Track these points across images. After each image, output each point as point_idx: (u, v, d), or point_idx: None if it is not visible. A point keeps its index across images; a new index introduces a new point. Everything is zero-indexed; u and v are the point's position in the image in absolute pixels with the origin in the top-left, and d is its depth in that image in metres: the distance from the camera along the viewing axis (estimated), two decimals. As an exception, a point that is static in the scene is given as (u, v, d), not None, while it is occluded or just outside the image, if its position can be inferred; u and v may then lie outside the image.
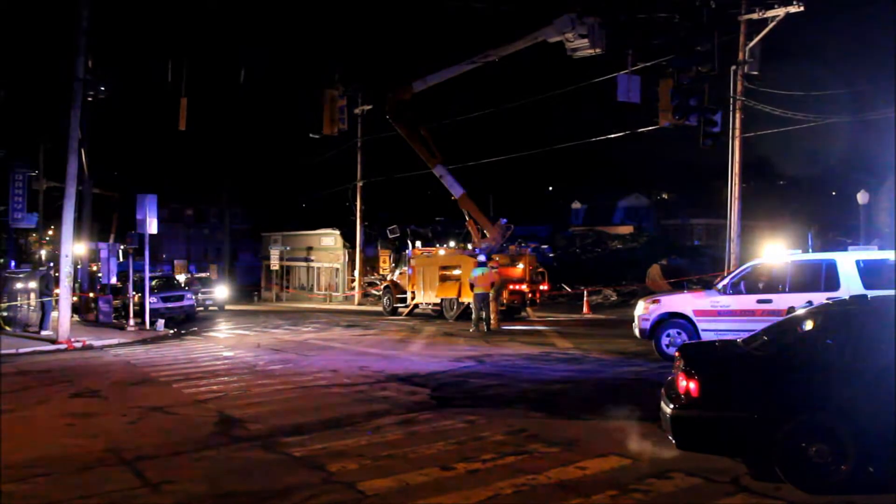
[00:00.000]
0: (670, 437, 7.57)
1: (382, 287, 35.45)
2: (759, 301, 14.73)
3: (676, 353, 8.09)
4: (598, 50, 23.94)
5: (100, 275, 29.32)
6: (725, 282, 15.61)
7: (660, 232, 61.04)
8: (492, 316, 23.32)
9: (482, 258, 24.74)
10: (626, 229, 62.32)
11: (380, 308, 35.05)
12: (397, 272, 33.31)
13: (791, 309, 10.82)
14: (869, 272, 13.79)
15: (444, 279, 28.76)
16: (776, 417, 6.98)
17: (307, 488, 7.35)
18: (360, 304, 42.29)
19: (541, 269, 28.86)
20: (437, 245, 33.58)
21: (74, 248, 23.15)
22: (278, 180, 64.22)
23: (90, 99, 24.67)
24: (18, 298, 24.71)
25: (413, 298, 30.76)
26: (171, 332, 25.20)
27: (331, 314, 34.55)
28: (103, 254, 28.47)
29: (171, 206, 64.46)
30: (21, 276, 25.50)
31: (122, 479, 7.85)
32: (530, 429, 9.57)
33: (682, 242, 55.98)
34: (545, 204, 75.51)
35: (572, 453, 8.41)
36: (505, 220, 29.50)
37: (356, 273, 44.44)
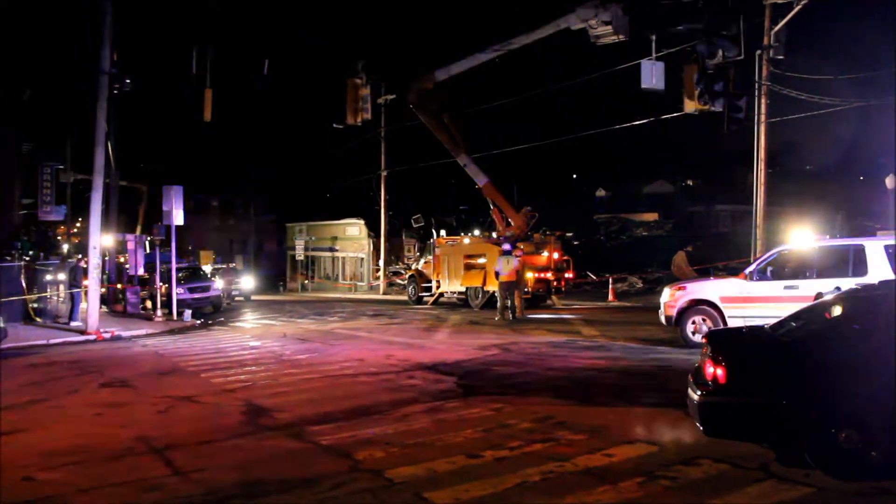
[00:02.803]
0: (698, 424, 7.53)
1: (407, 276, 35.53)
2: (787, 287, 14.57)
3: (703, 340, 8.05)
4: (621, 36, 23.76)
5: (127, 266, 29.58)
6: (752, 268, 15.46)
7: (685, 219, 60.57)
8: (517, 304, 23.29)
9: (507, 246, 24.71)
10: (651, 216, 61.97)
11: (405, 297, 35.13)
12: (422, 261, 33.38)
13: (819, 294, 10.74)
14: None
15: (468, 268, 28.77)
16: (805, 403, 6.93)
17: (335, 476, 7.39)
18: (385, 293, 42.40)
19: (566, 257, 28.79)
20: (462, 233, 33.60)
21: (102, 240, 23.34)
22: (303, 170, 64.44)
23: (116, 92, 24.79)
24: (48, 290, 25.01)
25: (438, 287, 30.80)
26: (198, 322, 25.39)
27: (356, 304, 34.67)
28: (130, 245, 28.71)
29: (197, 197, 64.64)
30: (50, 268, 25.80)
31: (151, 467, 7.93)
32: (557, 416, 9.57)
33: (707, 229, 55.55)
34: (570, 191, 75.19)
35: (599, 440, 8.39)
36: (529, 207, 29.45)
37: (381, 262, 44.53)
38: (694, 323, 15.81)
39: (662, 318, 16.57)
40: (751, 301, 15.00)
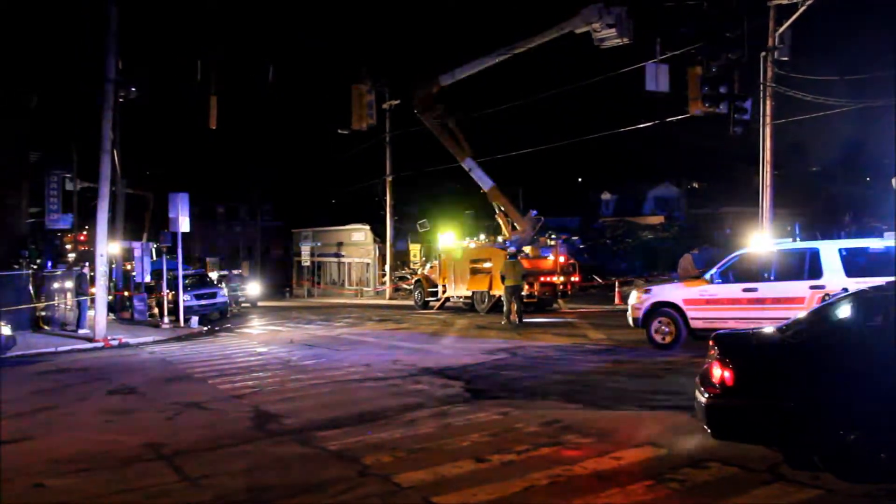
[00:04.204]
0: (705, 427, 7.52)
1: (413, 281, 35.57)
2: (745, 290, 14.98)
3: (711, 342, 8.03)
4: (625, 39, 23.80)
5: (134, 273, 29.66)
6: (713, 271, 15.73)
7: (690, 221, 60.45)
8: (512, 308, 23.10)
9: (512, 250, 24.74)
10: (657, 219, 61.82)
11: (411, 302, 35.12)
12: (428, 266, 33.41)
13: (826, 296, 10.74)
14: (851, 260, 14.11)
15: (474, 272, 28.78)
16: (813, 405, 6.90)
17: (343, 481, 7.39)
18: (391, 298, 42.39)
19: (572, 261, 28.78)
20: (468, 238, 33.59)
21: (109, 248, 23.41)
22: (308, 176, 64.52)
23: (121, 100, 24.92)
24: (55, 298, 25.08)
25: (444, 292, 30.82)
26: (205, 328, 25.45)
27: (362, 309, 34.68)
28: (137, 252, 28.82)
29: (203, 204, 64.83)
30: (57, 275, 25.87)
31: (160, 473, 7.94)
32: (564, 420, 9.56)
33: (713, 231, 55.44)
34: (575, 195, 75.07)
35: (607, 444, 8.38)
36: (535, 211, 29.44)
37: (387, 268, 44.55)
38: (659, 324, 16.13)
39: (630, 321, 16.87)
40: (711, 303, 15.39)
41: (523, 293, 24.69)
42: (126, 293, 31.20)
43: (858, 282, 13.09)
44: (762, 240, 17.66)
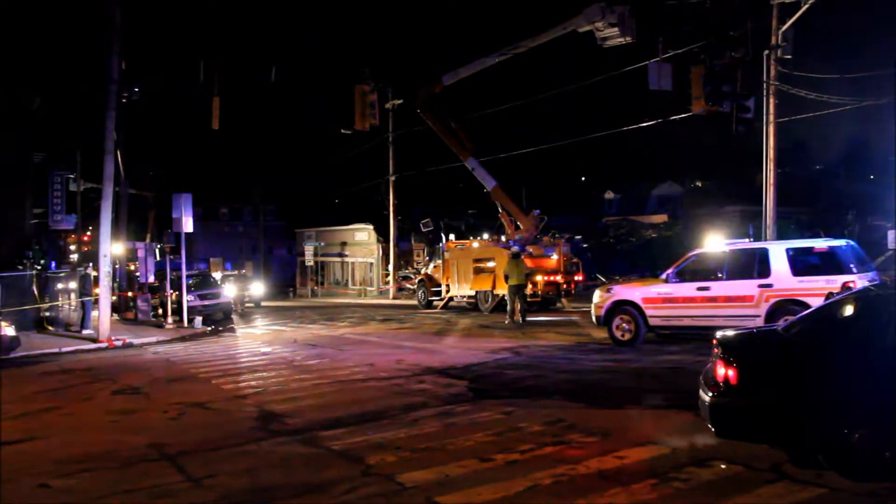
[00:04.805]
0: (709, 425, 7.52)
1: (417, 281, 35.56)
2: (699, 289, 15.65)
3: (714, 341, 8.03)
4: (628, 38, 23.76)
5: (138, 274, 29.68)
6: (670, 271, 16.49)
7: (694, 220, 60.35)
8: (515, 307, 23.09)
9: (516, 249, 24.74)
10: (660, 218, 61.76)
11: (414, 302, 35.13)
12: (431, 265, 33.38)
13: (830, 294, 10.74)
14: (796, 260, 14.84)
15: (478, 271, 28.79)
16: (817, 404, 6.90)
17: (347, 481, 7.40)
18: (394, 298, 42.40)
19: (575, 260, 28.77)
20: (471, 238, 33.61)
21: (112, 248, 23.43)
22: (311, 176, 64.58)
23: (124, 101, 24.94)
24: (59, 299, 25.11)
25: (448, 291, 30.82)
26: (209, 329, 25.47)
27: (366, 309, 34.70)
28: (141, 253, 28.85)
29: (206, 204, 65.05)
30: (61, 276, 25.91)
31: (164, 473, 7.95)
32: (568, 419, 9.56)
33: (716, 230, 55.42)
34: (578, 194, 75.05)
35: (610, 443, 8.38)
36: (538, 211, 29.44)
37: (390, 267, 44.56)
38: (620, 321, 16.73)
39: (594, 318, 17.47)
40: (668, 302, 16.08)
41: (527, 292, 24.70)
42: (130, 293, 31.22)
43: (802, 281, 14.42)
44: (715, 241, 18.43)
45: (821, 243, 15.25)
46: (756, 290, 14.95)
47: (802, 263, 14.81)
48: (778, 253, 15.00)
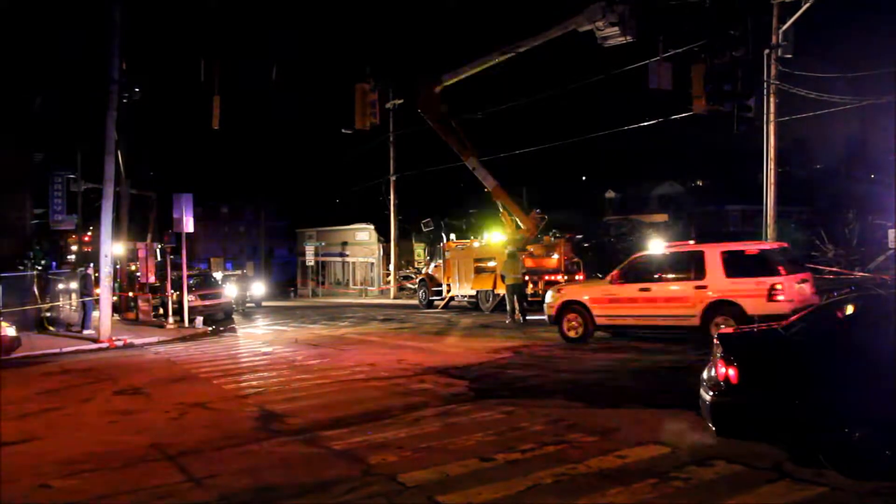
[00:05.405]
0: (710, 425, 7.52)
1: (418, 280, 35.55)
2: (641, 289, 16.27)
3: (715, 340, 8.03)
4: (629, 38, 23.72)
5: (139, 274, 29.68)
6: (614, 272, 17.15)
7: (695, 219, 60.34)
8: (515, 307, 23.09)
9: (512, 249, 24.79)
10: (661, 217, 61.66)
11: (415, 301, 35.11)
12: (432, 265, 33.37)
13: (830, 294, 10.75)
14: (729, 262, 15.32)
15: (479, 271, 28.80)
16: (818, 403, 6.90)
17: (348, 481, 7.40)
18: (395, 297, 42.38)
19: (576, 259, 28.75)
20: (472, 237, 33.57)
21: (113, 248, 23.43)
22: (312, 176, 64.56)
23: (125, 100, 24.92)
24: (60, 299, 25.12)
25: (448, 291, 30.81)
26: (210, 329, 25.46)
27: (367, 308, 34.68)
28: (141, 253, 28.84)
29: (207, 204, 65.06)
30: (62, 277, 25.92)
31: (165, 473, 7.96)
32: (569, 418, 9.56)
33: (717, 229, 55.35)
34: (579, 193, 75.01)
35: (611, 442, 8.39)
36: (539, 210, 29.43)
37: (391, 267, 44.53)
38: (569, 321, 17.41)
39: (546, 318, 18.21)
40: (612, 302, 16.74)
41: (527, 291, 24.65)
42: (131, 294, 31.23)
43: (735, 282, 15.02)
44: (657, 243, 19.64)
45: (752, 246, 16.06)
46: (692, 292, 15.54)
47: (735, 266, 15.29)
48: (712, 255, 15.49)
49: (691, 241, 17.31)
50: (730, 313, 14.98)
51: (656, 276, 16.36)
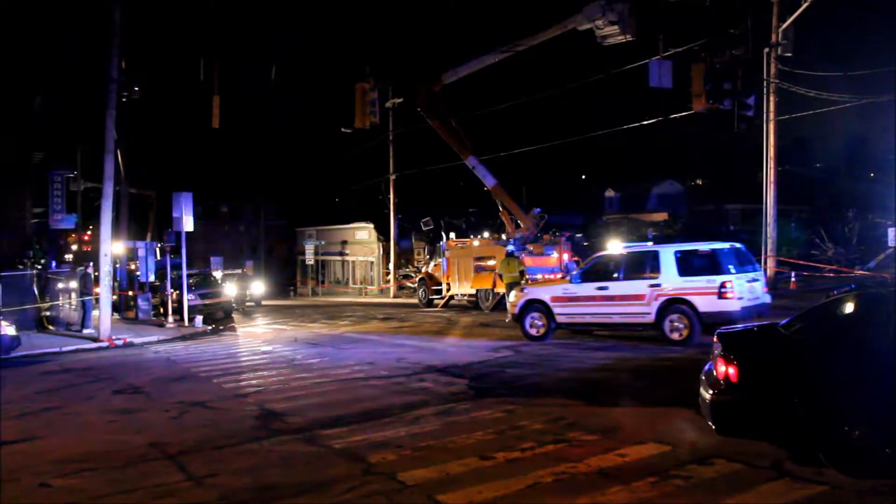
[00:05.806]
0: (710, 423, 7.52)
1: (417, 279, 35.56)
2: (599, 288, 16.83)
3: (715, 339, 8.03)
4: (628, 36, 23.74)
5: (138, 273, 29.67)
6: (575, 272, 17.97)
7: (694, 218, 60.33)
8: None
9: (510, 248, 24.82)
10: (661, 216, 61.69)
11: (415, 300, 35.12)
12: (432, 264, 33.39)
13: (829, 293, 10.75)
14: (682, 261, 15.90)
15: (478, 270, 28.82)
16: (818, 402, 6.90)
17: (348, 479, 7.40)
18: (395, 296, 42.39)
19: (575, 258, 28.76)
20: (472, 236, 33.60)
21: (113, 247, 23.42)
22: (312, 175, 64.57)
23: (124, 100, 24.89)
24: (60, 298, 25.10)
25: (448, 290, 30.82)
26: (210, 328, 25.45)
27: (366, 307, 34.69)
28: (141, 252, 28.84)
29: (207, 203, 64.87)
30: (62, 276, 25.89)
31: (165, 473, 7.96)
32: (568, 417, 9.56)
33: (717, 228, 55.39)
34: (579, 192, 74.98)
35: (611, 441, 8.39)
36: (539, 209, 29.44)
37: (391, 266, 44.54)
38: (532, 319, 17.88)
39: (510, 316, 18.75)
40: (572, 300, 17.24)
41: None
42: (130, 293, 31.21)
43: (687, 280, 15.55)
44: (615, 244, 20.24)
45: (704, 246, 16.31)
46: (647, 290, 16.06)
47: (688, 265, 15.85)
48: (667, 255, 16.05)
49: (649, 243, 17.78)
50: (683, 310, 15.58)
51: (614, 275, 16.81)
